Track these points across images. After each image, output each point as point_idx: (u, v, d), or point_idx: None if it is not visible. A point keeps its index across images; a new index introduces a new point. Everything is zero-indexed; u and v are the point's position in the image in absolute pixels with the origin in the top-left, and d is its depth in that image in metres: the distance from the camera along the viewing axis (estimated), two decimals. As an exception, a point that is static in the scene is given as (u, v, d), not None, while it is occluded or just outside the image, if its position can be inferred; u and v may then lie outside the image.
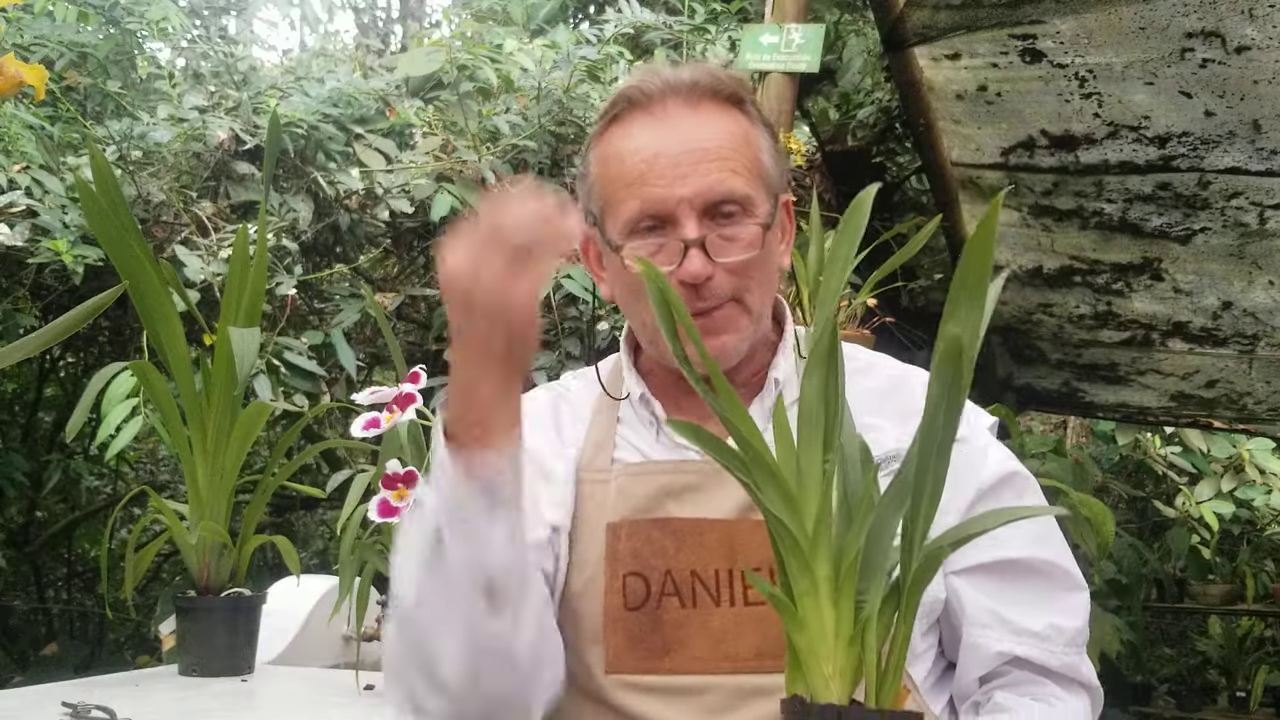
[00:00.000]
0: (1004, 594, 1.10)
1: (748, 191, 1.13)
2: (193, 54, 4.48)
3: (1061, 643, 1.11)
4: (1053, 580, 1.13)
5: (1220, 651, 5.90)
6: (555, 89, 3.99)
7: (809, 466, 0.84)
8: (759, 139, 1.16)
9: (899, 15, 3.33)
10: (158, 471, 5.31)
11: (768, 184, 1.15)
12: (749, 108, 1.17)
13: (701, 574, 1.11)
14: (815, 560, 0.83)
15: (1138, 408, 5.10)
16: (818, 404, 0.85)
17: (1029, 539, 1.12)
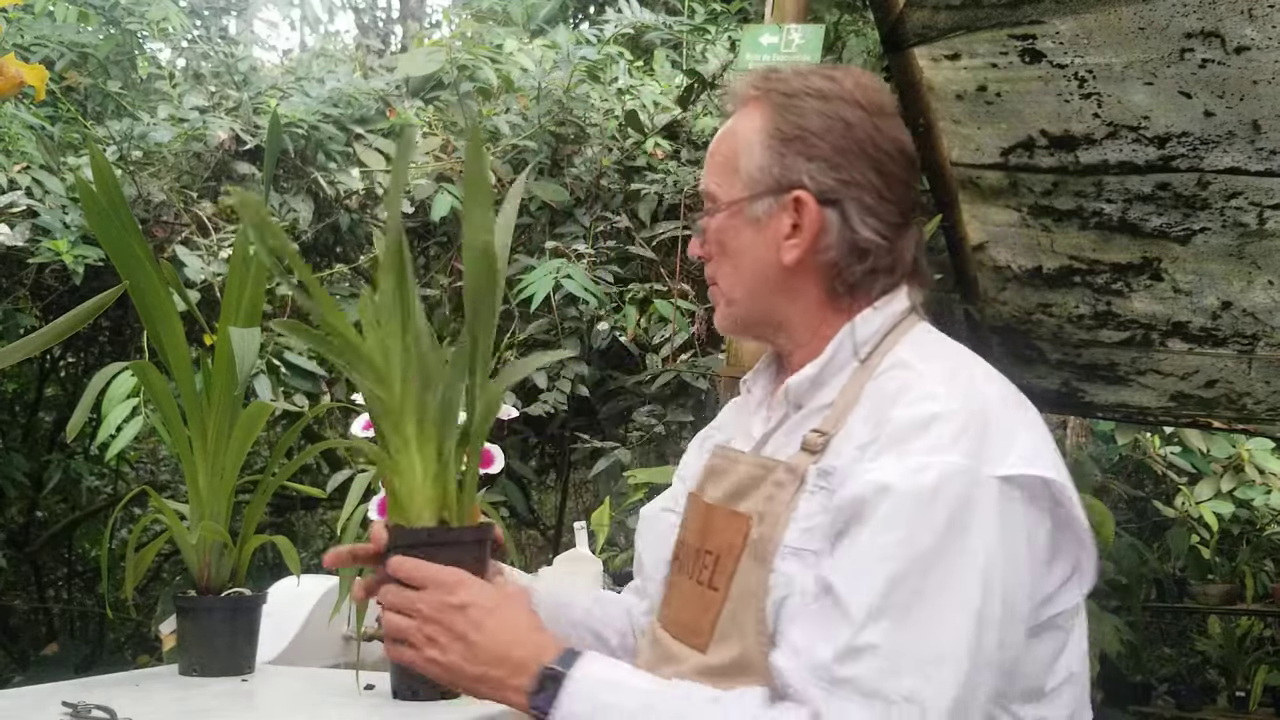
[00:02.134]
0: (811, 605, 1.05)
1: (709, 187, 1.22)
2: (193, 54, 4.49)
3: (806, 665, 1.01)
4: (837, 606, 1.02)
5: (1220, 651, 5.90)
6: (555, 89, 3.99)
7: (392, 351, 1.08)
8: (751, 137, 1.18)
9: (899, 15, 3.34)
10: (158, 471, 5.32)
11: (743, 179, 1.18)
12: (763, 103, 1.19)
13: (689, 548, 1.23)
14: (403, 421, 1.07)
15: (1137, 408, 5.10)
16: (394, 300, 1.08)
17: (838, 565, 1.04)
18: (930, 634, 0.97)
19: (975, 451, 1.01)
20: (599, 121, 4.13)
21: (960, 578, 0.98)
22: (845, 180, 1.14)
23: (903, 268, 1.18)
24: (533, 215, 3.89)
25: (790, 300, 1.19)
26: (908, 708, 0.95)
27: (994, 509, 1.00)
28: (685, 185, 3.94)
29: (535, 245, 3.85)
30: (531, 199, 3.84)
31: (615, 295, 3.65)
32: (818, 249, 1.15)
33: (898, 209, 1.16)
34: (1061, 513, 1.05)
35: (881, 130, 1.17)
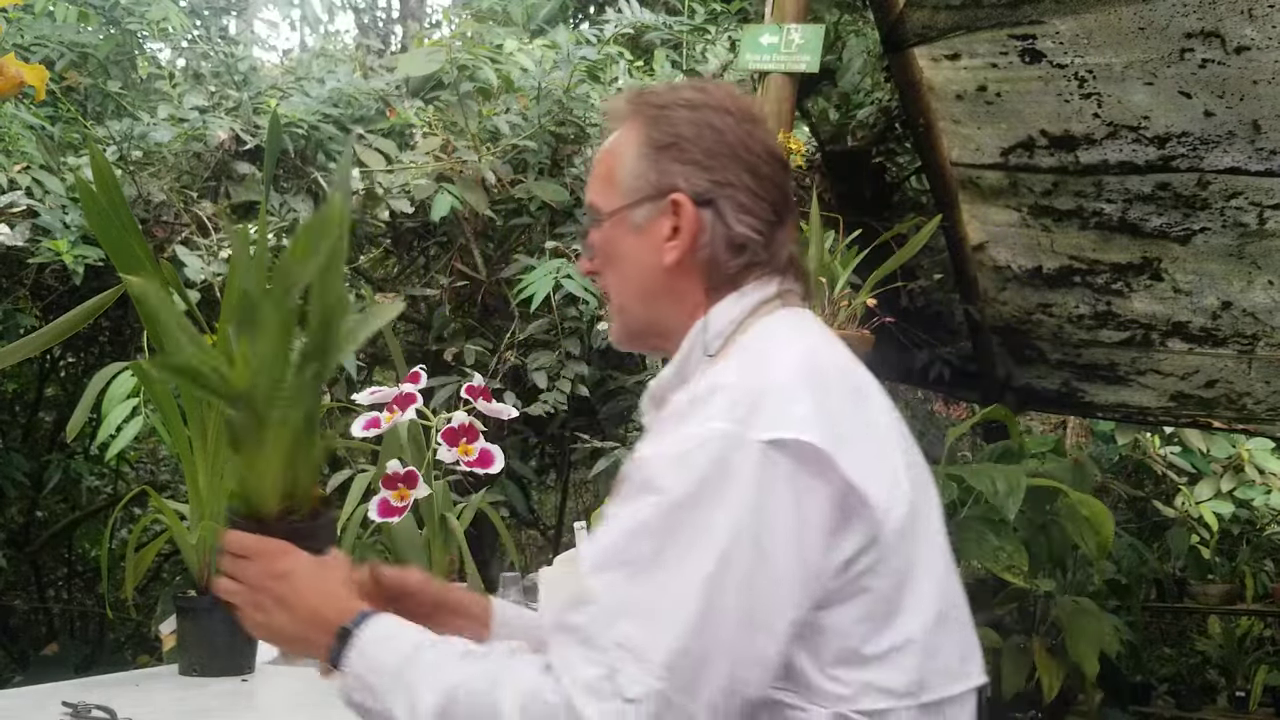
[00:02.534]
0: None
1: (592, 199, 1.27)
2: (193, 54, 4.48)
3: (551, 615, 1.05)
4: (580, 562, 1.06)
5: (1220, 651, 5.90)
6: (555, 89, 3.99)
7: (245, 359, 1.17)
8: (626, 149, 1.24)
9: (899, 15, 3.34)
10: (158, 471, 5.31)
11: (622, 189, 1.23)
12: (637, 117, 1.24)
13: None
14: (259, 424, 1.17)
15: (1137, 408, 5.10)
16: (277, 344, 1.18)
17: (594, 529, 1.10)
18: (659, 587, 0.98)
19: (743, 418, 1.03)
20: (599, 121, 4.13)
21: (703, 535, 0.99)
22: (719, 181, 1.19)
23: (778, 262, 1.22)
24: (533, 215, 3.89)
25: (674, 303, 1.22)
26: (619, 654, 0.97)
27: (753, 471, 1.00)
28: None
29: (535, 245, 3.84)
30: (531, 199, 3.83)
31: (615, 295, 3.64)
32: (696, 248, 1.20)
33: (771, 207, 1.21)
34: (844, 481, 1.04)
35: (751, 135, 1.22)
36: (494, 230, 4.03)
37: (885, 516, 1.06)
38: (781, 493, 1.01)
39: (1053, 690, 4.07)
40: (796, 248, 1.26)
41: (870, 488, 1.05)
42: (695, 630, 0.98)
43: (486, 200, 3.72)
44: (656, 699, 0.96)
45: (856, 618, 1.05)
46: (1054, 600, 4.19)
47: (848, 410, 1.09)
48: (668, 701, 0.96)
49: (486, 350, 3.70)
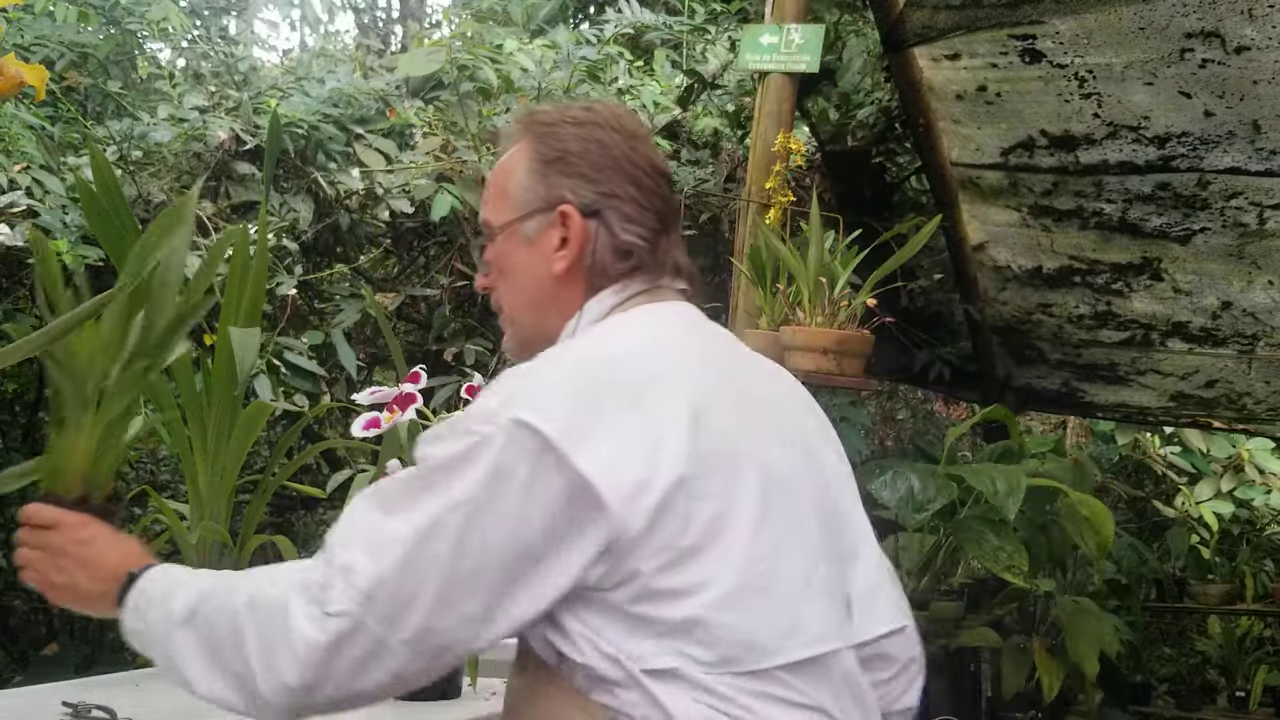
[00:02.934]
0: None
1: (485, 216, 1.33)
2: (193, 54, 4.49)
3: None
4: None
5: (1220, 651, 5.89)
6: (555, 89, 3.99)
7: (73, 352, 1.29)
8: (516, 166, 1.30)
9: (899, 15, 3.34)
10: (158, 471, 5.31)
11: (513, 203, 1.30)
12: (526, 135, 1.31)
13: None
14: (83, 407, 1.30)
15: (1137, 408, 5.10)
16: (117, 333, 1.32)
17: None
18: (387, 527, 1.09)
19: (507, 398, 1.11)
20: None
21: (436, 490, 1.09)
22: (605, 192, 1.26)
23: (663, 269, 1.29)
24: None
25: (561, 310, 1.28)
26: (339, 572, 1.08)
27: (497, 444, 1.08)
28: (685, 185, 3.94)
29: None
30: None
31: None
32: (583, 256, 1.26)
33: (656, 217, 1.28)
34: (571, 473, 1.07)
35: (636, 150, 1.29)
36: (494, 230, 4.03)
37: (629, 505, 1.07)
38: (515, 469, 1.07)
39: (1053, 690, 4.07)
40: (683, 258, 1.31)
41: (607, 479, 1.07)
42: (401, 569, 1.07)
43: (486, 200, 3.72)
44: (349, 620, 1.07)
45: (633, 598, 1.09)
46: (1054, 600, 4.19)
47: (612, 408, 1.11)
48: (361, 624, 1.06)
49: (486, 350, 3.70)
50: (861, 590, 1.24)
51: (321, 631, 1.07)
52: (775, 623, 1.12)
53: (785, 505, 1.16)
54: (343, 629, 1.07)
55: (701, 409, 1.14)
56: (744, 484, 1.14)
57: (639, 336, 1.22)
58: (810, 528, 1.19)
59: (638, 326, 1.24)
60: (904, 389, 6.15)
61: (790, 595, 1.14)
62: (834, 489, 1.27)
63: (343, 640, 1.07)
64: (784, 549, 1.15)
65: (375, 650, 1.07)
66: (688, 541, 1.09)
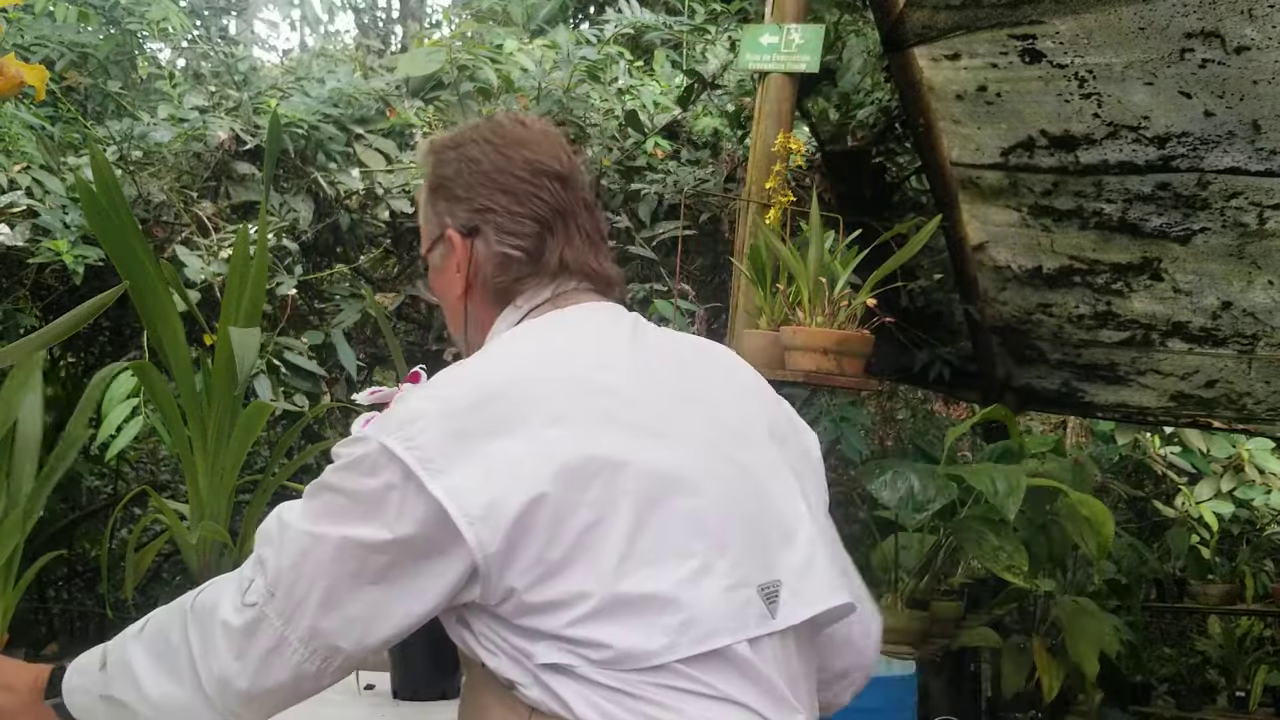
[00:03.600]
0: None
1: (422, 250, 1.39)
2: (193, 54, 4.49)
3: None
4: None
5: (1220, 651, 5.89)
6: (555, 89, 3.99)
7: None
8: (420, 199, 1.37)
9: (899, 15, 3.34)
10: (158, 471, 5.31)
11: (423, 237, 1.37)
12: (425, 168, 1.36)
13: None
14: None
15: (1137, 408, 5.10)
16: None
17: None
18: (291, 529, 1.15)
19: (380, 423, 1.15)
20: (599, 121, 4.13)
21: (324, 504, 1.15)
22: (478, 209, 1.29)
23: (549, 268, 1.29)
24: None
25: (476, 327, 1.34)
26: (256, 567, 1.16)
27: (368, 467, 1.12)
28: (685, 185, 3.94)
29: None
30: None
31: (615, 295, 3.64)
32: (475, 274, 1.31)
33: (534, 220, 1.29)
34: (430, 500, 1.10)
35: (509, 158, 1.30)
36: (494, 230, 4.03)
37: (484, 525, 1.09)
38: (386, 491, 1.11)
39: (1053, 690, 4.07)
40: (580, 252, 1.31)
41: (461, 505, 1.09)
42: (293, 569, 1.13)
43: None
44: (257, 610, 1.14)
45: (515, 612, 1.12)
46: (1054, 600, 4.20)
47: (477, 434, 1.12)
48: (265, 616, 1.13)
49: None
50: (793, 573, 1.21)
51: (237, 616, 1.14)
52: (659, 624, 1.11)
53: (677, 504, 1.15)
54: (251, 618, 1.13)
55: (575, 424, 1.13)
56: (621, 492, 1.12)
57: (521, 353, 1.23)
58: (711, 523, 1.16)
59: (526, 341, 1.26)
60: (904, 389, 6.14)
61: (677, 594, 1.12)
62: (762, 476, 1.24)
63: (251, 629, 1.13)
64: (670, 549, 1.13)
65: (278, 645, 1.13)
66: (556, 555, 1.10)
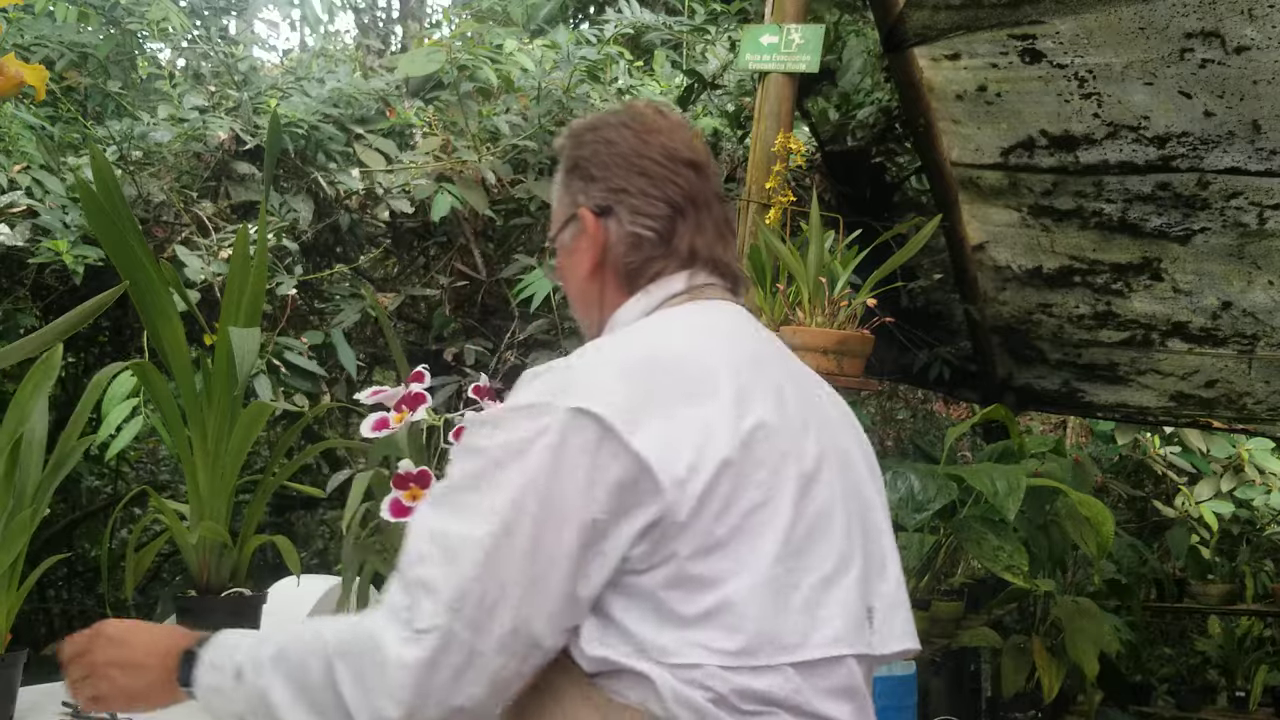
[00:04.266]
0: None
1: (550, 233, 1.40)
2: (193, 54, 4.48)
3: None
4: None
5: (1220, 651, 5.89)
6: (555, 89, 3.99)
7: None
8: (555, 182, 1.38)
9: (899, 15, 3.34)
10: (158, 471, 5.31)
11: (554, 219, 1.38)
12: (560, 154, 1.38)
13: None
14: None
15: (1137, 408, 5.10)
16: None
17: None
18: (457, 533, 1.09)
19: (557, 390, 1.12)
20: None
21: (501, 488, 1.09)
22: (613, 189, 1.31)
23: (679, 255, 1.31)
24: (533, 215, 3.89)
25: (599, 308, 1.35)
26: (419, 590, 1.08)
27: (554, 434, 1.09)
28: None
29: (535, 245, 3.85)
30: (531, 199, 3.84)
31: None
32: (603, 253, 1.32)
33: (666, 204, 1.30)
34: (629, 455, 1.10)
35: (647, 142, 1.32)
36: (494, 230, 4.03)
37: (680, 489, 1.10)
38: (577, 456, 1.09)
39: (1053, 690, 4.07)
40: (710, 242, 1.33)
41: (664, 464, 1.10)
42: (481, 573, 1.07)
43: (486, 200, 3.72)
44: (442, 633, 1.06)
45: (666, 582, 1.11)
46: (1054, 600, 4.19)
47: (665, 391, 1.14)
48: (453, 635, 1.06)
49: (486, 350, 3.70)
50: (884, 605, 1.25)
51: (415, 649, 1.06)
52: (797, 619, 1.13)
53: (821, 508, 1.18)
54: (435, 644, 1.06)
55: (747, 404, 1.16)
56: (785, 480, 1.16)
57: (683, 333, 1.24)
58: (840, 534, 1.20)
59: (680, 322, 1.27)
60: (904, 389, 6.15)
61: (815, 595, 1.15)
62: (868, 503, 1.29)
63: (437, 654, 1.06)
64: (816, 549, 1.17)
65: (470, 659, 1.07)
66: (723, 530, 1.11)
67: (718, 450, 1.12)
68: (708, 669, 1.10)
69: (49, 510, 5.10)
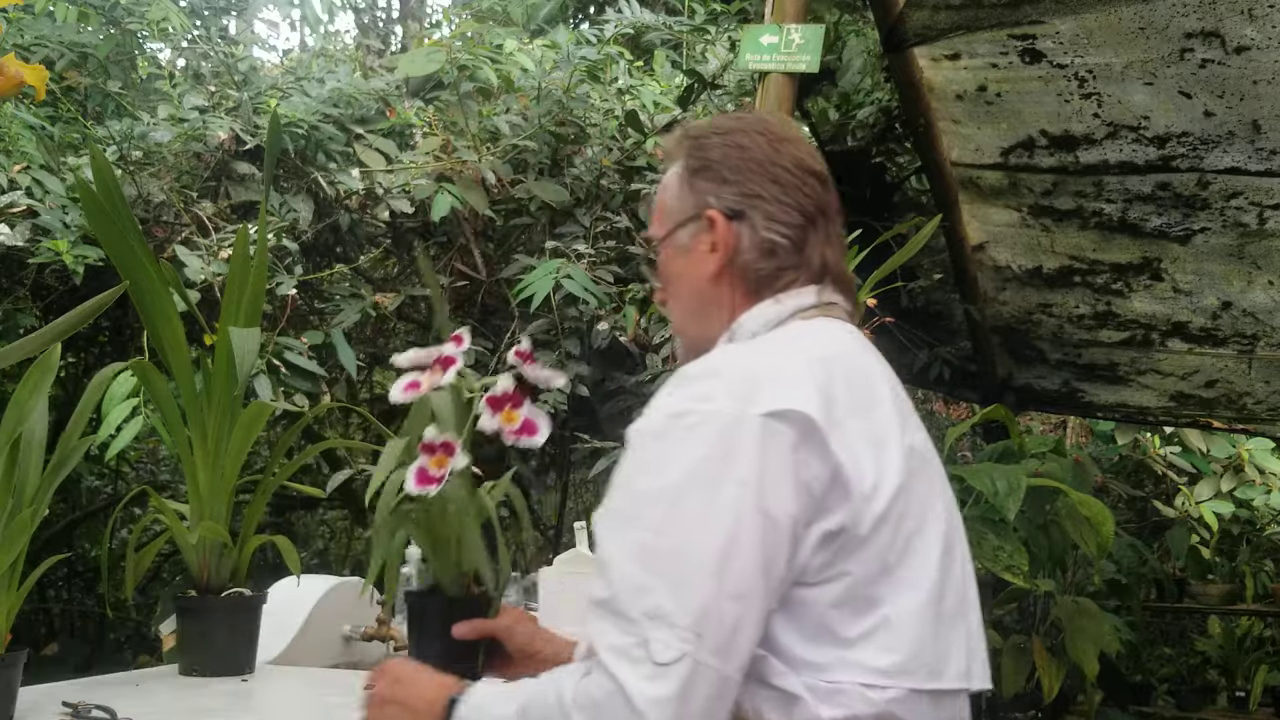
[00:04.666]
0: None
1: (650, 233, 1.39)
2: (193, 54, 4.48)
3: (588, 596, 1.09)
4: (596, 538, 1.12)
5: (1220, 651, 5.90)
6: (555, 89, 3.99)
7: None
8: (671, 181, 1.35)
9: (899, 15, 3.33)
10: (158, 471, 5.31)
11: (668, 216, 1.35)
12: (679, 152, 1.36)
13: None
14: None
15: (1137, 408, 5.10)
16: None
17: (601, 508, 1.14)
18: (679, 554, 1.03)
19: (745, 395, 1.09)
20: (599, 121, 4.13)
21: (715, 504, 1.04)
22: (746, 193, 1.29)
23: (811, 266, 1.29)
24: (533, 215, 3.89)
25: (718, 313, 1.30)
26: (649, 622, 1.01)
27: (755, 442, 1.06)
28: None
29: (535, 245, 3.85)
30: (531, 199, 3.84)
31: (615, 295, 3.65)
32: (732, 257, 1.29)
33: (800, 213, 1.29)
34: (829, 456, 1.09)
35: (779, 150, 1.31)
36: (494, 230, 4.03)
37: (865, 504, 1.10)
38: (782, 460, 1.07)
39: (1053, 690, 4.07)
40: (838, 257, 1.31)
41: (855, 473, 1.10)
42: (719, 595, 1.02)
43: (486, 200, 3.72)
44: (688, 662, 1.00)
45: (834, 600, 1.09)
46: (1054, 600, 4.19)
47: (846, 399, 1.13)
48: (699, 664, 1.00)
49: (486, 350, 3.70)
50: (976, 641, 1.25)
51: (663, 685, 1.00)
52: (939, 649, 1.14)
53: (948, 539, 1.20)
54: (684, 674, 1.00)
55: (905, 424, 1.18)
56: (930, 507, 1.17)
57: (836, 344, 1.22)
58: (960, 565, 1.22)
59: (828, 335, 1.24)
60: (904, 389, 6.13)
61: (949, 626, 1.16)
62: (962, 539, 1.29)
63: (688, 685, 1.00)
64: (950, 580, 1.18)
65: (719, 686, 1.02)
66: (893, 555, 1.12)
67: (894, 471, 1.12)
68: (855, 690, 1.09)
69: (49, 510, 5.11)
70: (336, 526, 6.36)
